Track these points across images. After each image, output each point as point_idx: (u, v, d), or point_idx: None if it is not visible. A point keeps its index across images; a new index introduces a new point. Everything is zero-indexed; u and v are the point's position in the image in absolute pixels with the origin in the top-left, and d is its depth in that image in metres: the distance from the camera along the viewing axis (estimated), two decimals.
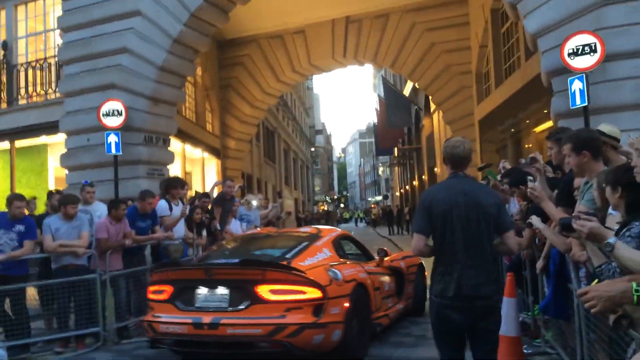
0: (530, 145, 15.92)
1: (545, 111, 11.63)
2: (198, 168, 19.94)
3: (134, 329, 7.46)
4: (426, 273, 7.75)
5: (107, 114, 11.48)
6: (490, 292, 3.58)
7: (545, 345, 5.68)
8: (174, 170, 14.56)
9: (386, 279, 6.86)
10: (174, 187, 8.28)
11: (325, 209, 65.15)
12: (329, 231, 6.98)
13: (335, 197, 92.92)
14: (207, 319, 5.12)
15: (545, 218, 4.54)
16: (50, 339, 6.83)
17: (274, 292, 5.13)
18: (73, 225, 6.76)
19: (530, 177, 5.41)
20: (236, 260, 5.53)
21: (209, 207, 9.14)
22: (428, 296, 4.72)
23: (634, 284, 2.10)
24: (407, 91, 33.43)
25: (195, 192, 10.03)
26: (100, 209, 7.77)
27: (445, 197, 3.64)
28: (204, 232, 8.61)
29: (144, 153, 12.24)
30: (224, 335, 5.06)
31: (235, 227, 9.39)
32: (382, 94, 37.06)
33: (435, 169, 26.22)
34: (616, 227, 3.09)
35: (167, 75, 12.66)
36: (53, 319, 6.97)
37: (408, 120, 32.54)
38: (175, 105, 13.56)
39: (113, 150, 11.34)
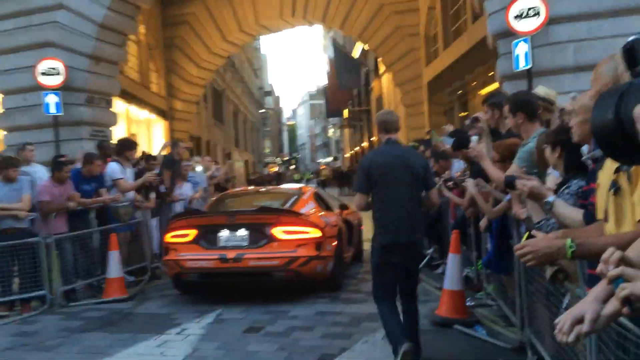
0: (467, 112, 16.33)
1: (491, 74, 11.89)
2: (144, 130, 19.42)
3: (82, 291, 7.34)
4: (362, 227, 9.12)
5: (45, 73, 11.00)
6: (420, 238, 4.49)
7: (487, 298, 5.97)
8: (119, 132, 14.14)
9: (345, 228, 7.80)
10: (128, 148, 8.08)
11: (276, 170, 65.03)
12: (307, 188, 8.53)
13: (286, 158, 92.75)
14: (231, 254, 6.31)
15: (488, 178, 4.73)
16: None
17: (286, 232, 6.43)
18: (13, 188, 6.49)
19: (474, 137, 5.56)
20: (254, 208, 6.81)
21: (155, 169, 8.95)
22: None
23: (568, 240, 2.22)
24: (356, 53, 33.35)
25: (143, 152, 9.77)
26: (39, 171, 7.49)
27: (382, 161, 4.30)
28: (153, 195, 8.46)
29: (86, 114, 11.81)
30: (247, 267, 6.31)
31: (186, 189, 9.29)
32: (332, 56, 36.85)
33: None
34: (554, 187, 3.24)
35: (108, 32, 12.14)
36: None
37: (358, 82, 32.62)
38: (117, 64, 13.06)
39: (53, 111, 10.91)
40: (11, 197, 6.46)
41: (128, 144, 8.23)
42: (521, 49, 8.52)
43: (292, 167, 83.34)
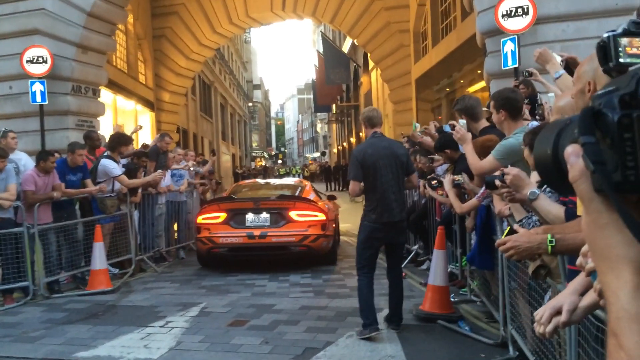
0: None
1: (479, 71, 11.95)
2: (131, 121, 19.23)
3: (65, 283, 7.29)
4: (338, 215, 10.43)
5: (31, 61, 10.85)
6: (404, 217, 5.23)
7: (470, 294, 6.02)
8: (105, 122, 14.02)
9: None
10: (123, 144, 8.04)
11: (263, 164, 64.86)
12: (306, 182, 10.48)
13: (273, 153, 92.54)
14: (257, 232, 7.80)
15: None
16: None
17: (300, 215, 7.96)
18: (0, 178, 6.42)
19: (462, 121, 5.63)
20: (274, 196, 8.48)
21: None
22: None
23: (548, 236, 2.26)
24: (346, 48, 33.33)
25: (144, 144, 9.64)
26: (23, 158, 7.41)
27: (372, 152, 4.97)
28: (139, 190, 8.37)
29: (72, 103, 11.68)
30: (270, 242, 7.80)
31: (167, 180, 9.26)
32: (321, 50, 36.78)
33: None
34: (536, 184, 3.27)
35: (96, 21, 12.00)
36: None
37: (346, 77, 32.56)
38: (105, 54, 12.93)
39: (38, 100, 10.78)
40: None
41: (123, 140, 8.13)
42: (509, 47, 8.56)
43: (280, 161, 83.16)
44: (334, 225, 8.52)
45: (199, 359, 4.45)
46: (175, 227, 9.82)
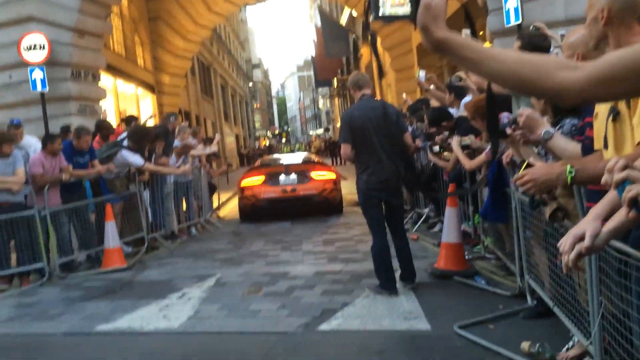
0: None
1: (482, 33, 11.76)
2: (133, 104, 19.20)
3: (80, 263, 7.33)
4: None
5: (29, 49, 10.77)
6: (398, 176, 5.02)
7: (485, 251, 6.01)
8: (107, 106, 13.98)
9: None
10: (150, 140, 8.16)
11: (267, 144, 64.80)
12: (314, 155, 14.24)
13: (277, 132, 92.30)
14: (288, 188, 10.39)
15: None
16: None
17: (318, 175, 10.64)
18: (7, 163, 6.38)
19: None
20: (300, 162, 11.98)
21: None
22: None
23: (568, 166, 2.23)
24: (344, 20, 32.94)
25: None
26: (32, 144, 7.39)
27: (360, 114, 4.93)
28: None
29: (73, 89, 11.63)
30: (298, 195, 10.34)
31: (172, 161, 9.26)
32: (318, 25, 36.38)
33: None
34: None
35: (90, 5, 11.88)
36: None
37: (346, 49, 32.28)
38: (101, 37, 12.82)
39: (39, 87, 10.72)
40: (5, 172, 6.37)
41: (150, 137, 8.16)
42: (511, 3, 8.41)
43: (284, 140, 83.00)
44: (340, 183, 11.03)
45: (219, 325, 4.48)
46: (184, 206, 9.84)
